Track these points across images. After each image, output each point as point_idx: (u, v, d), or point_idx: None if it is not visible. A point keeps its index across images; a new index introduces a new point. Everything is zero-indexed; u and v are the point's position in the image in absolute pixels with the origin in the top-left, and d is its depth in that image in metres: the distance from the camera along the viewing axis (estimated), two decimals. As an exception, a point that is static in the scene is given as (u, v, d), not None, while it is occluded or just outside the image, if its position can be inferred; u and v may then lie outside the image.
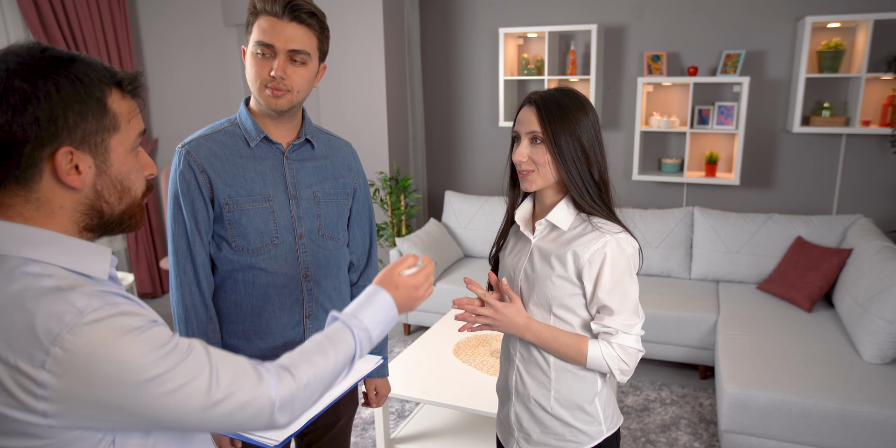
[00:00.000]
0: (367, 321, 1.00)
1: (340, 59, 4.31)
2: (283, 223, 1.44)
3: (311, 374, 0.88)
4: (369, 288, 1.07)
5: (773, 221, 3.59)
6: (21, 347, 0.69)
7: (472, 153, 4.71)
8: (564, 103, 1.28)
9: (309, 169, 1.49)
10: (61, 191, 0.79)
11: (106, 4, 4.09)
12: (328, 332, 0.97)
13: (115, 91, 0.82)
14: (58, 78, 0.76)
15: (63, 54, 0.79)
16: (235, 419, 0.80)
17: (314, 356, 0.90)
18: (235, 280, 1.43)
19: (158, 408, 0.73)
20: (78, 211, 0.82)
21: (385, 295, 1.05)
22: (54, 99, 0.75)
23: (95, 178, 0.81)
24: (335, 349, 0.93)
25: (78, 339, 0.70)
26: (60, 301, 0.72)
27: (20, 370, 0.69)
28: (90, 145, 0.79)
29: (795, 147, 3.85)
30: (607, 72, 4.17)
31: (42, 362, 0.69)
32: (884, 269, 2.74)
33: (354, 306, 1.03)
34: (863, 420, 2.33)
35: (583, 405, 1.36)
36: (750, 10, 3.77)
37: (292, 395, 0.84)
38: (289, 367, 0.87)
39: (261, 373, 0.83)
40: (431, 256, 3.83)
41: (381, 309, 1.03)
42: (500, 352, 2.63)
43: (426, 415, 2.74)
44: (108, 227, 0.86)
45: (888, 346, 2.57)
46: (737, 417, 2.50)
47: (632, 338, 1.29)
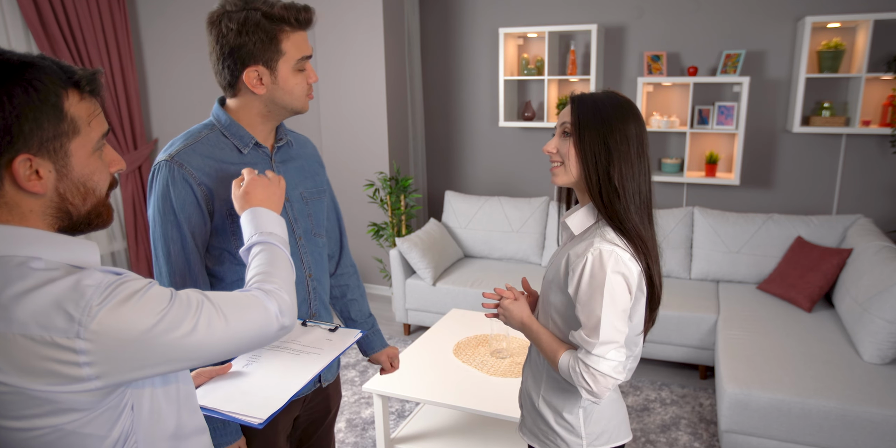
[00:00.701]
0: (276, 230, 1.17)
1: (340, 60, 4.31)
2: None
3: (280, 281, 1.03)
4: (246, 212, 1.20)
5: (773, 221, 3.59)
6: (53, 325, 0.75)
7: (472, 153, 4.71)
8: (602, 103, 1.27)
9: (292, 170, 1.48)
10: (25, 196, 0.80)
11: (106, 4, 4.09)
12: (260, 255, 1.10)
13: (72, 93, 0.81)
14: (9, 85, 0.76)
15: (14, 59, 0.78)
16: (251, 336, 0.91)
17: (272, 270, 1.05)
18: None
19: (183, 346, 0.83)
20: (48, 214, 0.83)
21: (261, 210, 1.20)
22: (6, 108, 0.75)
23: (57, 182, 0.82)
24: (279, 261, 1.09)
25: (103, 305, 0.77)
26: (78, 279, 0.78)
27: (57, 344, 0.74)
28: (48, 151, 0.79)
29: (795, 147, 3.85)
30: (607, 72, 4.17)
31: (77, 332, 0.75)
32: (884, 269, 2.74)
33: (252, 228, 1.17)
34: (863, 420, 2.33)
35: (562, 412, 1.37)
36: (750, 10, 3.77)
37: (281, 299, 0.98)
38: (262, 286, 1.01)
39: (250, 295, 0.95)
40: (431, 256, 3.84)
41: (271, 218, 1.19)
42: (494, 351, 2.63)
43: (426, 415, 2.74)
44: (77, 228, 0.88)
45: (888, 346, 2.57)
46: (737, 417, 2.50)
47: (594, 358, 1.21)
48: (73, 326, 0.75)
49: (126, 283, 0.81)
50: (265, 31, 1.28)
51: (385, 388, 2.43)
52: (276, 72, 1.31)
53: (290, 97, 1.35)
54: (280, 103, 1.36)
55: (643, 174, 1.27)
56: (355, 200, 4.53)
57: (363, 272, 4.73)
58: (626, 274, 1.22)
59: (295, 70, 1.33)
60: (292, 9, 1.30)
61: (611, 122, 1.25)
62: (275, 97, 1.35)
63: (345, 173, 4.52)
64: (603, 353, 1.21)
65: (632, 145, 1.25)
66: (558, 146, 1.30)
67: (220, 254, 1.37)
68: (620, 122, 1.25)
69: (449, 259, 4.05)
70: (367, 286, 4.75)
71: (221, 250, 1.37)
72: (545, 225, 4.09)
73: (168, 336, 0.81)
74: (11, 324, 0.75)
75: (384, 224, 4.26)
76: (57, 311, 0.75)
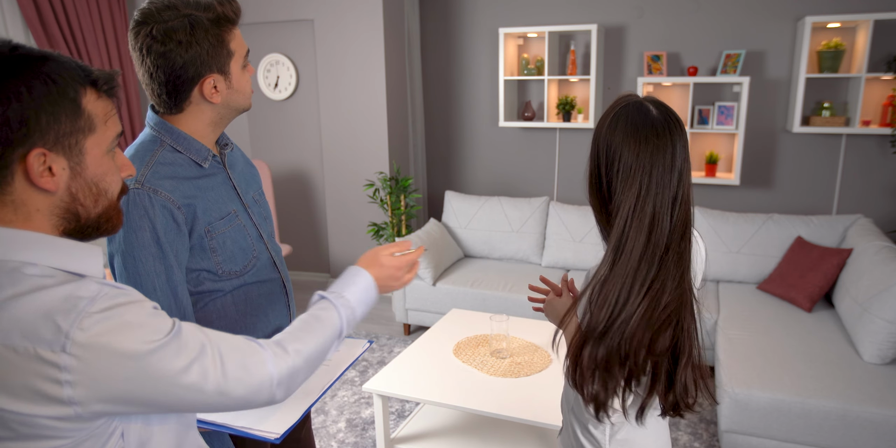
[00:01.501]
0: (352, 300, 1.05)
1: (340, 59, 4.31)
2: (254, 234, 1.38)
3: (303, 351, 0.92)
4: (352, 268, 1.11)
5: (773, 221, 3.59)
6: (39, 336, 0.70)
7: (472, 153, 4.71)
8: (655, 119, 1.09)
9: (239, 175, 1.42)
10: (35, 193, 0.77)
11: (106, 4, 4.09)
12: (315, 311, 1.00)
13: (90, 91, 0.80)
14: (29, 78, 0.74)
15: (34, 53, 0.77)
16: (240, 396, 0.83)
17: (304, 335, 0.94)
18: (226, 303, 1.34)
19: (171, 387, 0.76)
20: (55, 214, 0.80)
21: (366, 275, 1.09)
22: (25, 99, 0.73)
23: (70, 180, 0.79)
24: (323, 327, 0.98)
25: (94, 320, 0.72)
26: (73, 289, 0.74)
27: (41, 357, 0.70)
28: (64, 147, 0.77)
29: (795, 147, 3.85)
30: (607, 72, 4.17)
31: (62, 345, 0.70)
32: (884, 269, 2.74)
33: (339, 285, 1.06)
34: (863, 420, 2.33)
35: (587, 425, 1.26)
36: (750, 10, 3.77)
37: (289, 370, 0.89)
38: (283, 344, 0.91)
39: (258, 351, 0.86)
40: (431, 256, 3.83)
41: (363, 288, 1.07)
42: (494, 351, 2.63)
43: (426, 415, 2.74)
44: (85, 232, 0.84)
45: (888, 346, 2.57)
46: (737, 417, 2.49)
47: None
48: (60, 338, 0.70)
49: (126, 299, 0.76)
50: (213, 36, 1.19)
51: (385, 388, 2.43)
52: (229, 75, 1.24)
53: (242, 97, 1.29)
54: (233, 106, 1.29)
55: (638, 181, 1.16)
56: (355, 200, 4.53)
57: (363, 272, 4.72)
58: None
59: (241, 68, 1.27)
60: (225, 4, 1.21)
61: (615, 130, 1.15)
62: (230, 102, 1.27)
63: (345, 173, 4.52)
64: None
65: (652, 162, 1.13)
66: None
67: (199, 275, 1.27)
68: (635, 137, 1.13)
69: (449, 259, 4.05)
70: (367, 286, 4.74)
71: (199, 271, 1.27)
72: (545, 225, 4.09)
73: (158, 370, 0.75)
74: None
75: (384, 224, 4.26)
76: (45, 320, 0.70)
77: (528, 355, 2.62)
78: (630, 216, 1.07)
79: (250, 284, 1.37)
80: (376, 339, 3.91)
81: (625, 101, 1.14)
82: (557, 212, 4.02)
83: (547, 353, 2.63)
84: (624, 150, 1.08)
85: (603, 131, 1.12)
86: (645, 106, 1.11)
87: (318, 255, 4.95)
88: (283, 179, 4.86)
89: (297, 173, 4.81)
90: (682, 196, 1.10)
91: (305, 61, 4.53)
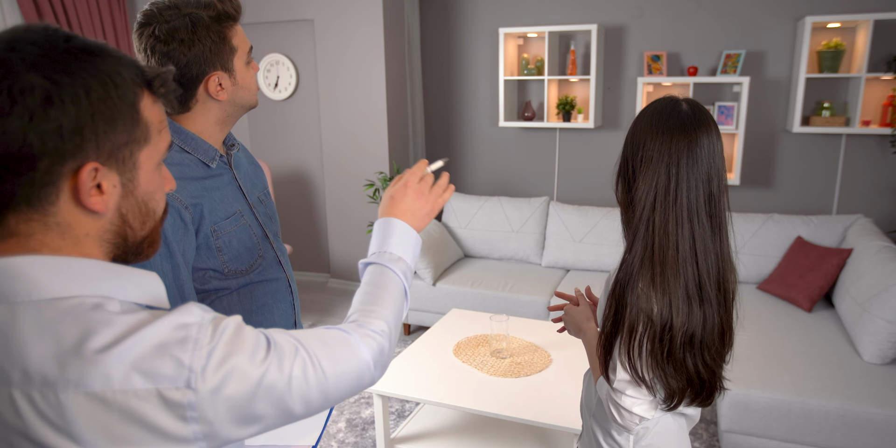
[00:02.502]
0: (397, 252, 0.97)
1: (340, 59, 4.31)
2: (259, 234, 1.39)
3: (385, 325, 0.86)
4: (379, 221, 1.02)
5: (773, 221, 3.59)
6: (159, 374, 0.61)
7: (472, 153, 4.71)
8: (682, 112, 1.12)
9: (245, 175, 1.43)
10: (81, 215, 0.65)
11: (106, 4, 4.09)
12: (370, 278, 0.94)
13: (146, 94, 0.69)
14: (87, 76, 0.62)
15: (91, 45, 0.65)
16: (344, 389, 0.77)
17: (377, 308, 0.88)
18: (231, 302, 1.35)
19: (284, 400, 0.70)
20: (105, 239, 0.68)
21: (396, 221, 1.00)
22: (82, 103, 0.61)
23: (120, 199, 0.68)
24: (388, 292, 0.91)
25: (210, 348, 0.64)
26: (175, 318, 0.64)
27: (164, 397, 0.61)
28: (118, 160, 0.66)
29: (795, 147, 3.85)
30: (607, 72, 4.17)
31: (187, 380, 0.62)
32: (884, 269, 2.74)
33: (378, 243, 0.98)
34: (863, 420, 2.33)
35: (610, 430, 1.24)
36: (750, 10, 3.77)
37: (380, 349, 0.82)
38: (364, 325, 0.84)
39: (346, 339, 0.79)
40: (431, 256, 3.83)
41: (401, 235, 0.99)
42: (494, 351, 2.63)
43: (426, 415, 2.74)
44: (125, 258, 0.73)
45: (888, 346, 2.57)
46: (737, 417, 2.49)
47: (623, 396, 1.14)
48: (183, 373, 0.61)
49: (221, 321, 0.68)
50: (215, 33, 1.20)
51: (385, 388, 2.43)
52: (233, 72, 1.25)
53: (248, 93, 1.30)
54: (239, 103, 1.30)
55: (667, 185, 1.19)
56: (355, 200, 4.53)
57: (363, 272, 4.72)
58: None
59: (245, 64, 1.27)
60: (225, 1, 1.22)
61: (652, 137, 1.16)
62: (235, 99, 1.28)
63: (345, 173, 4.52)
64: (622, 388, 1.14)
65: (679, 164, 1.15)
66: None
67: (205, 274, 1.27)
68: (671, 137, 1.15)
69: (449, 259, 4.05)
70: (367, 286, 4.74)
71: (205, 270, 1.27)
72: (545, 225, 4.08)
73: (273, 386, 0.68)
74: (110, 380, 0.59)
75: (384, 224, 4.25)
76: (162, 356, 0.61)
77: (528, 355, 2.62)
78: (653, 205, 1.09)
79: (256, 283, 1.38)
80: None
81: (662, 98, 1.17)
82: (557, 212, 4.02)
83: (547, 353, 2.63)
84: (647, 138, 1.11)
85: (634, 122, 1.16)
86: (676, 101, 1.14)
87: (319, 255, 4.95)
88: (283, 179, 4.86)
89: (297, 173, 4.81)
90: (716, 195, 1.12)
91: (305, 61, 4.53)
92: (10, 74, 0.59)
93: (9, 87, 0.59)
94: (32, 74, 0.60)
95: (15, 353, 0.60)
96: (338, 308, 4.41)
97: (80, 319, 0.61)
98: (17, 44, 0.61)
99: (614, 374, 1.14)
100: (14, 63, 0.60)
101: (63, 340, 0.60)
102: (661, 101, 1.15)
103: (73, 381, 0.59)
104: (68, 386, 0.59)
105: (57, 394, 0.59)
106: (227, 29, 1.22)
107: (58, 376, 0.59)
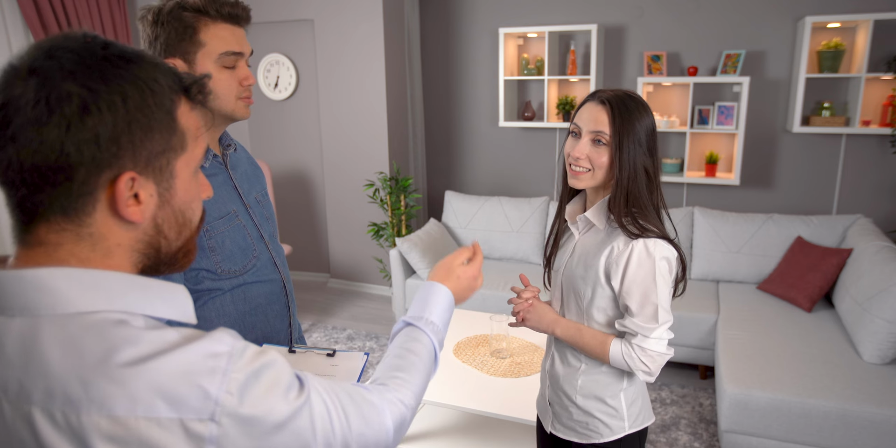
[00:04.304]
0: (438, 323, 1.00)
1: (340, 59, 4.31)
2: (255, 234, 1.39)
3: (411, 391, 0.87)
4: (428, 284, 1.06)
5: (773, 221, 3.59)
6: (185, 403, 0.59)
7: (472, 153, 4.71)
8: (633, 109, 1.27)
9: (242, 175, 1.42)
10: (117, 225, 0.64)
11: (106, 4, 4.09)
12: (406, 342, 0.95)
13: (183, 101, 0.67)
14: (124, 83, 0.61)
15: (128, 52, 0.64)
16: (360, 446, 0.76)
17: (408, 375, 0.89)
18: (224, 302, 1.34)
19: (306, 442, 0.68)
20: (136, 250, 0.67)
21: (444, 290, 1.05)
22: (119, 111, 0.60)
23: (157, 209, 0.66)
24: (421, 360, 0.93)
25: (241, 382, 0.61)
26: (207, 346, 0.62)
27: (187, 428, 0.59)
28: (154, 169, 0.65)
29: (795, 147, 3.85)
30: (607, 72, 4.17)
31: (211, 413, 0.59)
32: (884, 268, 2.74)
33: (420, 307, 1.02)
34: (863, 420, 2.33)
35: (605, 399, 1.40)
36: (750, 10, 3.77)
37: (402, 418, 0.82)
38: (393, 391, 0.84)
39: (375, 402, 0.79)
40: (432, 256, 3.83)
41: (445, 307, 1.03)
42: (494, 351, 2.63)
43: (426, 415, 2.74)
44: (159, 269, 0.71)
45: (888, 346, 2.57)
46: (737, 417, 2.49)
47: (652, 341, 1.29)
48: (209, 405, 0.59)
49: (256, 352, 0.65)
50: (179, 20, 1.17)
51: (385, 388, 2.43)
52: (194, 66, 1.19)
53: (221, 102, 1.23)
54: (214, 109, 1.23)
55: (659, 164, 1.33)
56: (355, 200, 4.53)
57: (363, 272, 4.72)
58: (670, 258, 1.28)
59: (219, 66, 1.22)
60: (217, 1, 1.21)
61: (646, 127, 1.27)
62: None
63: (345, 173, 4.52)
64: (660, 335, 1.29)
65: (656, 142, 1.30)
66: (589, 154, 1.29)
67: (198, 274, 1.26)
68: (650, 124, 1.28)
69: (449, 259, 4.04)
70: (367, 286, 4.75)
71: (199, 270, 1.26)
72: (545, 225, 4.08)
73: (300, 430, 0.66)
74: (135, 404, 0.57)
75: (384, 224, 4.26)
76: (188, 385, 0.59)
77: (528, 355, 2.62)
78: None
79: (250, 284, 1.37)
80: (376, 339, 3.91)
81: (633, 94, 1.33)
82: (557, 212, 4.02)
83: (547, 353, 2.63)
84: (653, 126, 1.34)
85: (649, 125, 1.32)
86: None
87: (318, 255, 4.95)
88: (283, 180, 4.86)
89: (297, 173, 4.81)
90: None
91: (305, 61, 4.53)
92: (48, 83, 0.58)
93: (46, 97, 0.58)
94: (69, 83, 0.59)
95: (37, 370, 0.58)
96: (337, 308, 4.41)
97: (104, 335, 0.59)
98: (56, 52, 0.60)
99: (652, 325, 1.28)
100: (51, 72, 0.59)
101: (86, 356, 0.58)
102: (630, 97, 1.30)
103: (96, 402, 0.57)
104: (91, 407, 0.57)
105: (79, 414, 0.57)
106: (196, 20, 1.19)
107: (81, 396, 0.57)
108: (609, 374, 1.39)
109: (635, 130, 1.26)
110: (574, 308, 1.40)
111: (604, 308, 1.35)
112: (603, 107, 1.28)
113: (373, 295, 4.70)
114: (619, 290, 1.30)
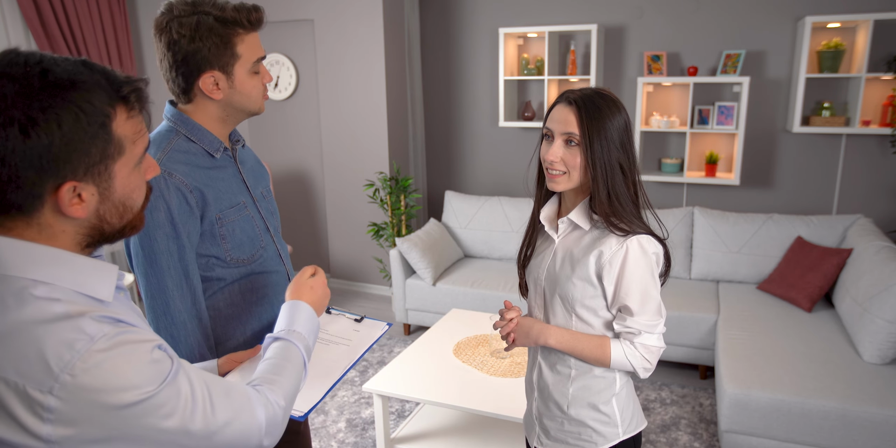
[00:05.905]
0: (303, 332, 1.11)
1: (340, 59, 4.31)
2: (262, 226, 1.44)
3: (285, 398, 0.95)
4: (289, 303, 1.16)
5: (773, 221, 3.59)
6: (30, 374, 0.69)
7: (472, 153, 4.71)
8: (602, 107, 1.26)
9: (249, 170, 1.48)
10: (62, 218, 0.76)
11: (106, 4, 4.09)
12: (277, 352, 1.04)
13: (120, 111, 0.76)
14: (58, 110, 0.71)
15: (63, 79, 0.72)
16: (227, 442, 0.83)
17: (280, 379, 0.98)
18: (233, 291, 1.39)
19: (156, 434, 0.75)
20: (80, 233, 0.79)
21: (304, 305, 1.16)
22: (55, 135, 0.70)
23: (98, 204, 0.78)
24: (292, 366, 1.02)
25: (87, 365, 0.70)
26: (71, 328, 0.71)
27: (28, 395, 0.69)
28: (93, 175, 0.76)
29: (795, 147, 3.85)
30: (607, 72, 4.17)
31: (50, 388, 0.69)
32: (884, 269, 2.74)
33: (287, 322, 1.11)
34: (863, 420, 2.33)
35: (598, 405, 1.36)
36: (750, 10, 3.77)
37: (274, 418, 0.90)
38: (267, 391, 0.93)
39: (250, 398, 0.87)
40: (431, 256, 3.84)
41: (307, 318, 1.14)
42: (497, 351, 2.63)
43: (426, 415, 2.74)
44: (108, 240, 0.84)
45: (888, 346, 2.57)
46: (737, 417, 2.50)
47: (654, 336, 1.30)
48: (49, 381, 0.69)
49: (123, 341, 0.73)
50: (219, 36, 1.25)
51: (385, 388, 2.43)
52: (232, 76, 1.29)
53: (248, 100, 1.34)
54: (237, 107, 1.34)
55: (635, 160, 1.32)
56: (355, 200, 4.53)
57: (363, 272, 4.73)
58: (658, 253, 1.29)
59: (251, 72, 1.31)
60: (243, 10, 1.27)
61: (615, 130, 1.26)
62: (232, 101, 1.32)
63: (345, 173, 4.52)
64: (662, 329, 1.31)
65: (629, 142, 1.29)
66: (563, 157, 1.28)
67: (208, 261, 1.33)
68: (619, 125, 1.27)
69: (449, 259, 4.05)
70: (367, 286, 4.75)
71: (209, 257, 1.33)
72: (545, 225, 4.08)
73: (145, 419, 0.73)
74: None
75: (384, 224, 4.26)
76: (38, 360, 0.69)
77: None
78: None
79: (257, 274, 1.42)
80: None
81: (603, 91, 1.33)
82: (557, 212, 4.02)
83: (547, 353, 2.63)
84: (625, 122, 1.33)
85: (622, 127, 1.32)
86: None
87: (318, 255, 4.95)
88: (284, 179, 4.86)
89: (297, 173, 4.81)
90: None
91: (305, 61, 4.53)
92: None
93: None
94: (12, 109, 0.69)
95: None
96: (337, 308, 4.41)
97: (5, 295, 0.72)
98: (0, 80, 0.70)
99: (656, 321, 1.29)
100: None
101: None
102: (598, 95, 1.30)
103: None
104: None
105: None
106: (233, 35, 1.26)
107: None
108: (601, 378, 1.36)
109: (605, 128, 1.24)
110: (560, 311, 1.37)
111: (592, 307, 1.32)
112: (571, 108, 1.27)
113: (373, 295, 4.70)
114: (613, 290, 1.28)
